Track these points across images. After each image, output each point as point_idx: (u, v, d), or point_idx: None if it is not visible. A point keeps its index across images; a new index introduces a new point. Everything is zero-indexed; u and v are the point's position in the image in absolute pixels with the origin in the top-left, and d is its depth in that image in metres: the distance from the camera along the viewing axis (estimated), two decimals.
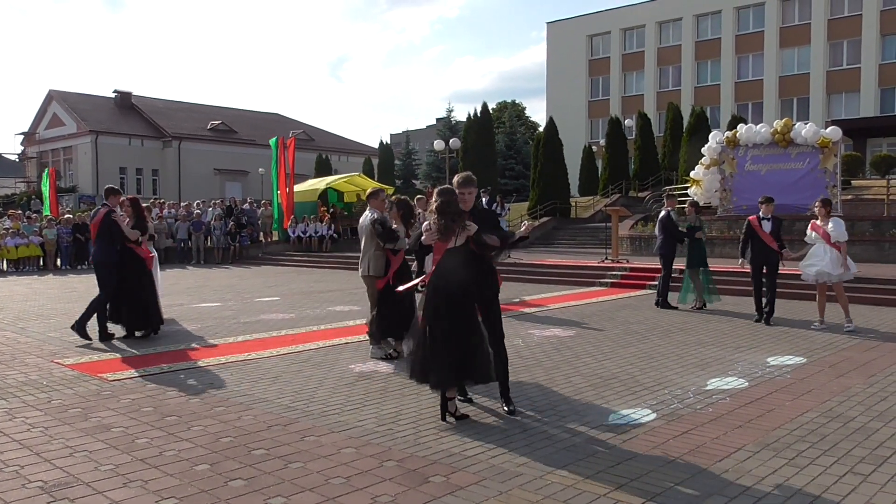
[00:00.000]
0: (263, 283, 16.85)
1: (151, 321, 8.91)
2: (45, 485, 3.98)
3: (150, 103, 51.17)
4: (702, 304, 11.33)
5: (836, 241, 9.13)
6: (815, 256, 9.32)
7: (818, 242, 9.33)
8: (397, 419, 5.22)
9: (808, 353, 7.63)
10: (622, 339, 8.56)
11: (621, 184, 33.27)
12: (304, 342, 8.52)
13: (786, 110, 40.96)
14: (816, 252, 9.33)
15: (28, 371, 6.95)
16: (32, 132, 50.20)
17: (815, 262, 9.25)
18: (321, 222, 25.55)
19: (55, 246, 21.66)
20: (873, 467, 4.23)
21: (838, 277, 9.14)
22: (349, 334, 9.01)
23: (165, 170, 47.64)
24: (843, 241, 9.20)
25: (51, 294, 14.38)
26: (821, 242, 9.28)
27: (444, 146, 32.12)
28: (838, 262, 9.08)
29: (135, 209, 9.07)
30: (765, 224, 9.83)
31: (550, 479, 4.04)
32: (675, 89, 45.78)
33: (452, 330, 4.98)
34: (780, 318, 9.92)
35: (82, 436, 4.86)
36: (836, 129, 20.02)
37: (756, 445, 4.61)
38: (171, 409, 5.55)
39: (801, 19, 41.90)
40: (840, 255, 9.11)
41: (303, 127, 55.51)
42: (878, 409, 5.47)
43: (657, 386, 6.22)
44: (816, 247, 9.35)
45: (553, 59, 51.79)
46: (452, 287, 5.03)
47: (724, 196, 20.78)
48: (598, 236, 23.36)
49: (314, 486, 3.94)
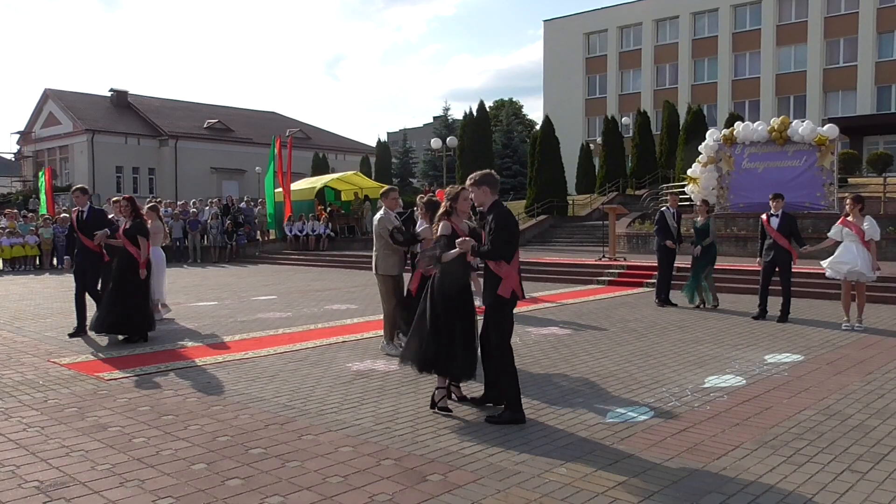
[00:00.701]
0: (260, 281, 16.83)
1: (132, 327, 8.43)
2: (42, 485, 3.97)
3: (146, 102, 51.01)
4: (702, 303, 11.24)
5: (869, 239, 8.86)
6: (847, 254, 8.97)
7: (847, 240, 9.00)
8: (395, 418, 5.21)
9: (805, 351, 7.64)
10: (619, 337, 8.56)
11: (618, 182, 33.28)
12: (301, 341, 8.51)
13: (783, 108, 41.01)
14: (848, 250, 8.98)
15: (24, 370, 6.93)
16: (28, 131, 50.04)
17: (847, 261, 8.93)
18: (318, 221, 25.54)
19: (51, 245, 21.62)
20: (871, 465, 4.23)
21: (868, 278, 8.93)
22: (346, 333, 8.99)
23: (162, 169, 47.52)
24: (877, 239, 8.98)
25: (47, 293, 14.34)
26: (850, 240, 8.96)
27: (441, 145, 32.13)
28: (870, 262, 8.84)
29: (132, 209, 8.96)
30: (773, 220, 9.77)
31: (548, 478, 4.03)
32: (672, 87, 45.79)
33: (463, 326, 5.28)
34: (776, 316, 9.88)
35: (79, 435, 4.85)
36: (833, 127, 20.03)
37: (754, 443, 4.61)
38: (168, 408, 5.53)
39: (797, 17, 41.93)
40: (871, 255, 8.87)
41: (299, 125, 55.39)
42: (876, 406, 5.48)
43: (655, 384, 6.22)
44: (847, 245, 9.01)
45: (550, 57, 51.78)
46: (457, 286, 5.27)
47: (721, 194, 20.78)
48: (595, 234, 23.37)
49: (311, 485, 3.93)
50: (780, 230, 9.72)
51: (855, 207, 9.03)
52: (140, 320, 8.48)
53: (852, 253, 8.94)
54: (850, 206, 9.11)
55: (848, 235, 9.03)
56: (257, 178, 43.19)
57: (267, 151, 27.25)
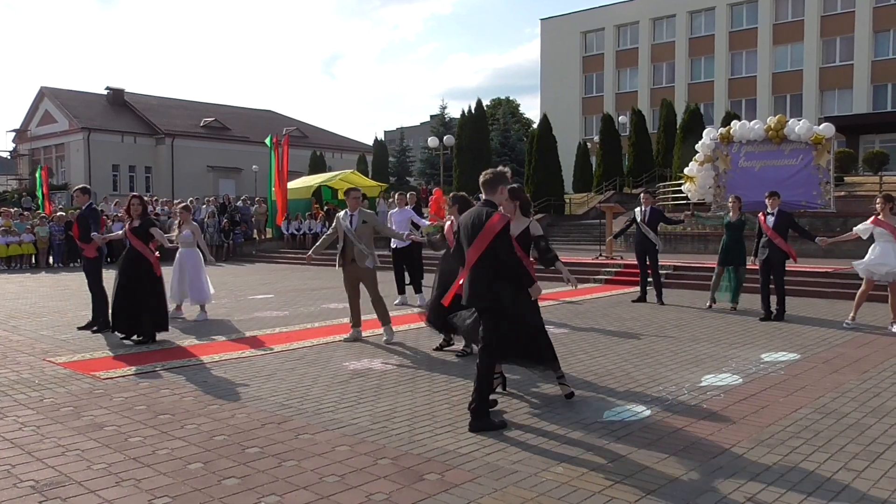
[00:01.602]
0: (257, 280, 16.81)
1: (138, 327, 8.30)
2: (37, 484, 3.96)
3: (142, 100, 50.86)
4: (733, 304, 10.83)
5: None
6: (886, 256, 8.83)
7: (882, 240, 8.89)
8: (392, 417, 5.21)
9: (801, 350, 7.65)
10: (616, 336, 8.57)
11: (615, 180, 33.31)
12: (298, 340, 8.50)
13: (779, 107, 41.04)
14: (886, 251, 8.84)
15: (20, 369, 6.91)
16: (24, 129, 49.88)
17: (886, 262, 8.81)
18: (315, 220, 25.50)
19: (48, 244, 21.56)
20: (867, 463, 4.23)
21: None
22: (343, 332, 8.97)
23: (158, 167, 47.41)
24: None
25: (43, 292, 14.31)
26: (885, 240, 8.85)
27: (439, 143, 32.12)
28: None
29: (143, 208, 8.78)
30: (769, 219, 9.76)
31: (545, 476, 4.03)
32: (668, 86, 45.82)
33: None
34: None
35: (74, 434, 4.83)
36: (830, 126, 20.07)
37: (750, 442, 4.61)
38: (165, 407, 5.52)
39: (794, 16, 41.99)
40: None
41: (296, 124, 55.28)
42: (872, 404, 5.49)
43: (652, 382, 6.22)
44: (884, 246, 8.88)
45: (547, 56, 51.76)
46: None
47: (717, 193, 20.81)
48: (592, 233, 23.39)
49: (308, 485, 3.92)
50: (777, 229, 9.71)
51: (886, 206, 8.90)
52: (151, 322, 8.29)
53: (889, 253, 8.80)
54: (880, 206, 8.97)
55: (882, 235, 8.88)
56: (254, 177, 43.13)
57: (264, 150, 27.16)
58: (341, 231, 8.27)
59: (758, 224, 10.00)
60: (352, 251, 8.20)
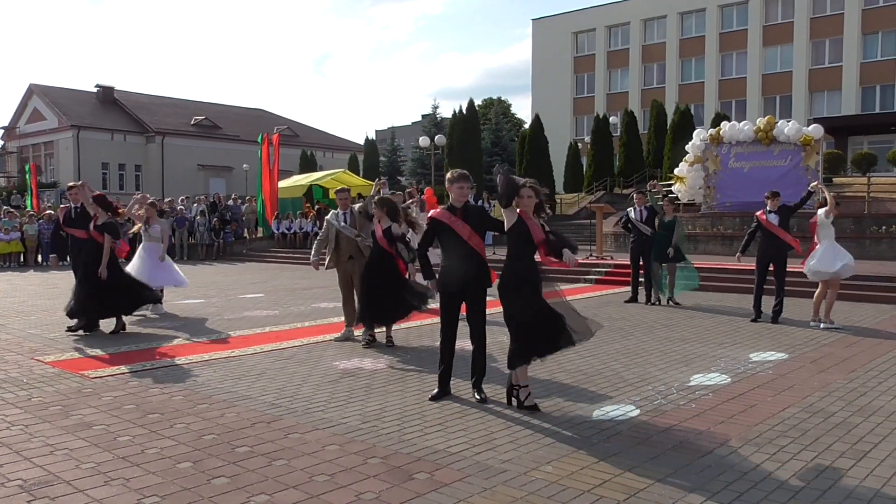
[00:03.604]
0: (248, 279, 16.77)
1: (84, 314, 8.77)
2: (25, 483, 3.94)
3: (132, 98, 50.61)
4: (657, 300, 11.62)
5: None
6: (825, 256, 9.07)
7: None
8: (381, 416, 5.21)
9: (789, 349, 7.70)
10: (606, 336, 8.58)
11: (606, 181, 33.40)
12: (288, 339, 8.48)
13: (769, 108, 41.26)
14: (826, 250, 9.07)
15: (8, 368, 6.87)
16: (12, 126, 49.56)
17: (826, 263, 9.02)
18: (306, 218, 25.46)
19: (36, 242, 21.42)
20: (853, 461, 4.27)
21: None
22: (334, 331, 8.96)
23: (149, 165, 47.21)
24: None
25: (31, 290, 14.22)
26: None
27: (430, 143, 32.12)
28: None
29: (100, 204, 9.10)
30: (771, 217, 9.76)
31: (535, 476, 4.04)
32: (659, 87, 45.97)
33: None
34: (769, 316, 9.90)
35: (63, 434, 4.81)
36: (819, 127, 20.22)
37: (738, 441, 4.64)
38: (154, 406, 5.50)
39: (784, 18, 42.21)
40: None
41: (287, 123, 55.18)
42: (859, 403, 5.53)
43: (641, 382, 6.25)
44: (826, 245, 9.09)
45: (538, 56, 51.83)
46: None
47: (707, 193, 20.93)
48: (582, 233, 23.41)
49: (298, 484, 3.92)
50: (782, 224, 9.67)
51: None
52: (92, 310, 8.74)
53: (829, 255, 8.99)
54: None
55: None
56: (245, 176, 43.01)
57: (254, 149, 27.09)
58: (332, 232, 8.36)
59: (754, 224, 9.95)
60: (349, 249, 8.30)
